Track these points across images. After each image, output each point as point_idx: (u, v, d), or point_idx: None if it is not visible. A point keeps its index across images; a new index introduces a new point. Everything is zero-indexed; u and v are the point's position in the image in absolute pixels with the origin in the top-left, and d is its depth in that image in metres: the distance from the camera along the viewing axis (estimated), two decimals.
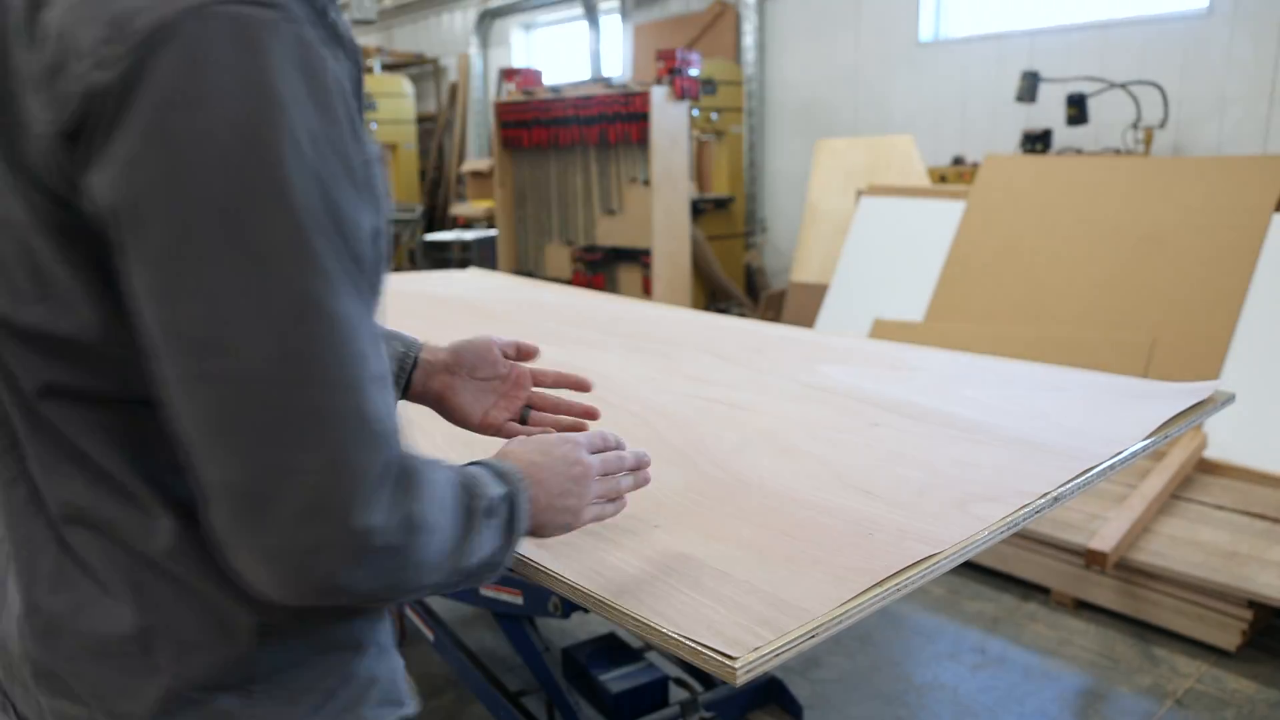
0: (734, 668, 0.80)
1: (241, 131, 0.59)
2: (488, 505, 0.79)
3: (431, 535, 0.71)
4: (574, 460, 0.92)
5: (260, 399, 0.61)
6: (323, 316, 0.62)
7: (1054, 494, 1.16)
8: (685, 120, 5.19)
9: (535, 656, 2.05)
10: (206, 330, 0.61)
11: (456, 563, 0.75)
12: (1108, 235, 3.86)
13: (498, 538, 0.80)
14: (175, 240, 0.60)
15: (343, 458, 0.63)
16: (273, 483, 0.62)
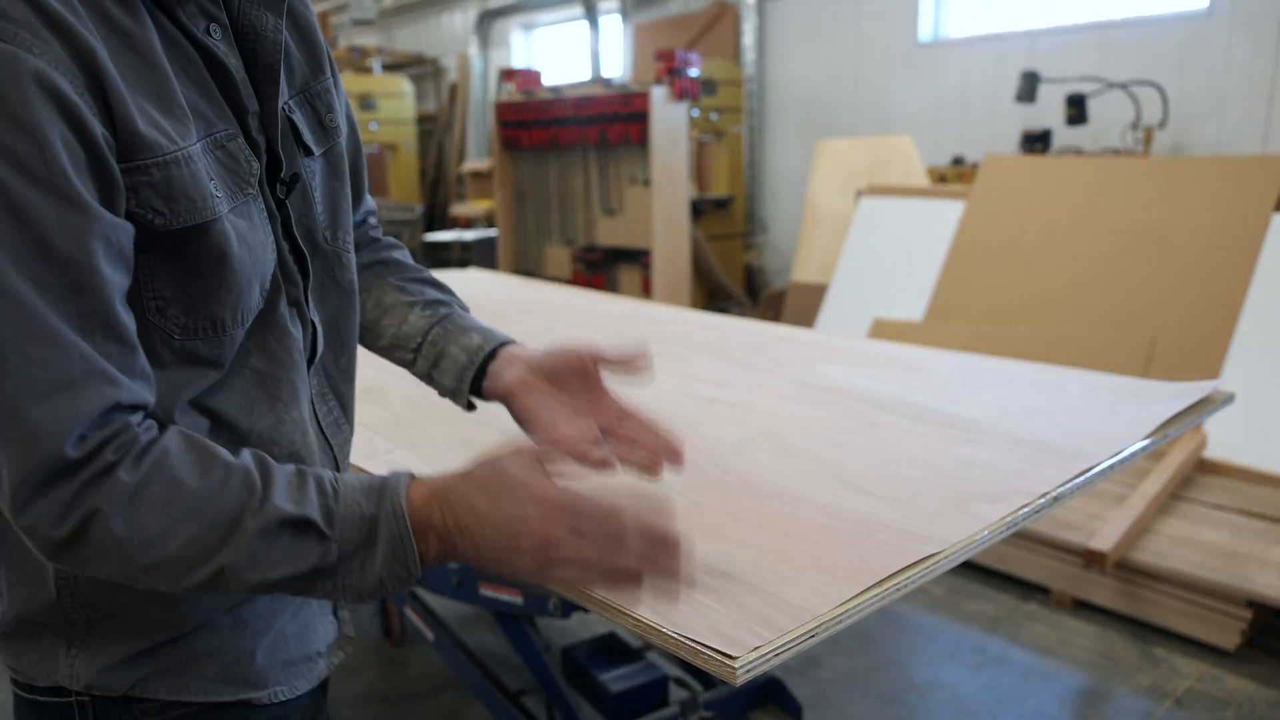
0: (734, 667, 0.80)
1: None
2: (285, 518, 0.73)
3: (140, 534, 0.70)
4: (526, 529, 0.76)
5: None
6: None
7: (1054, 494, 1.16)
8: (685, 120, 5.19)
9: (535, 656, 2.05)
10: None
11: (218, 569, 0.72)
12: (1108, 235, 3.86)
13: (306, 560, 0.74)
14: None
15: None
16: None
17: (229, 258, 0.78)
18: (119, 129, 0.71)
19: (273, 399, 0.87)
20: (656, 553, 0.76)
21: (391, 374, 1.94)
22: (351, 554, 0.75)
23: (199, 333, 0.79)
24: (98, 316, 0.69)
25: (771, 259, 7.46)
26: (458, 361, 1.06)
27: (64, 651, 0.84)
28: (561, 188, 5.70)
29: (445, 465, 1.39)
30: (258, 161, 0.84)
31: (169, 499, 0.71)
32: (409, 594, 2.54)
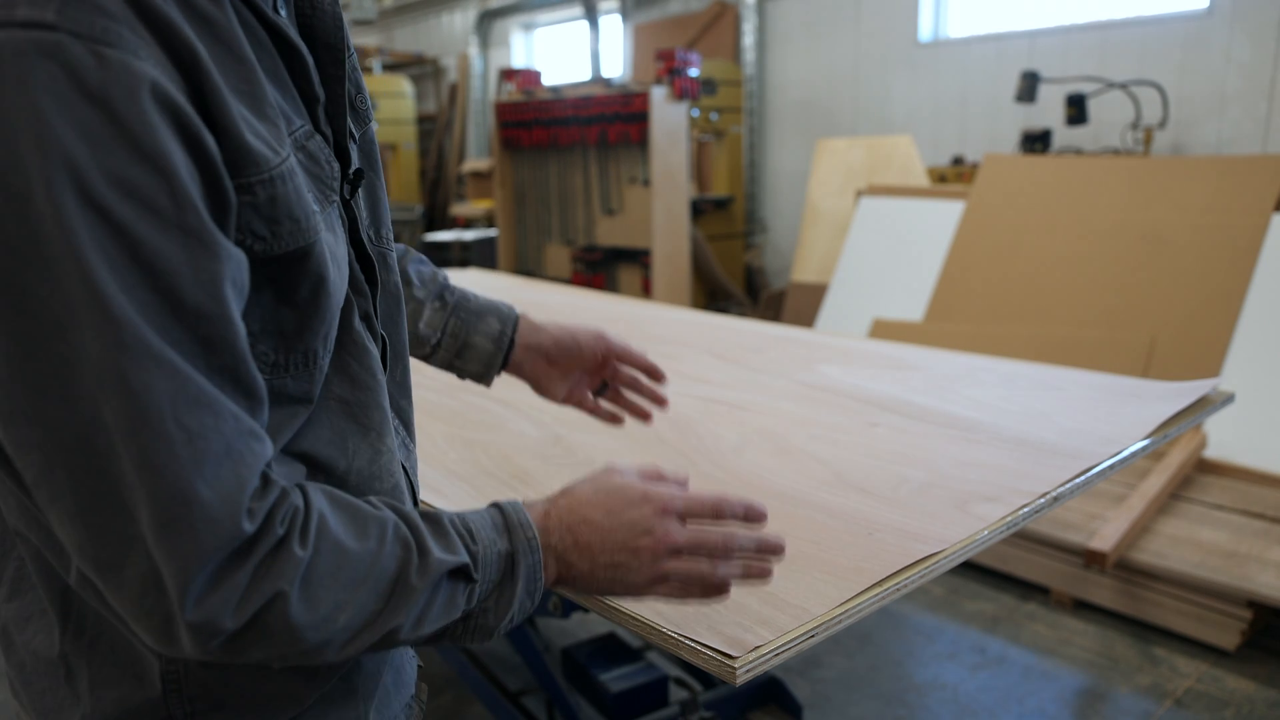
0: (734, 668, 0.80)
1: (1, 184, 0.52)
2: (450, 569, 0.70)
3: (315, 612, 0.64)
4: (644, 529, 0.77)
5: (77, 469, 0.57)
6: (125, 390, 0.55)
7: (1054, 494, 1.16)
8: (685, 120, 5.19)
9: (535, 656, 2.05)
10: (10, 400, 0.56)
11: (381, 635, 0.68)
12: (1108, 235, 3.86)
13: (456, 610, 0.72)
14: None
15: (159, 542, 0.58)
16: (113, 548, 0.59)
17: (325, 281, 0.68)
18: (224, 141, 0.60)
19: (364, 429, 0.77)
20: (762, 556, 0.80)
21: None
22: (489, 593, 0.73)
23: (290, 369, 0.68)
24: (231, 371, 0.60)
25: (771, 259, 7.46)
26: (484, 350, 1.12)
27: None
28: (561, 188, 5.70)
29: (445, 465, 1.39)
30: (335, 161, 0.74)
31: (337, 568, 0.64)
32: None
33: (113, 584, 0.60)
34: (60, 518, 0.59)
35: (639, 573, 0.77)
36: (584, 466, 1.35)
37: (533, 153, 5.80)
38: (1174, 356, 3.48)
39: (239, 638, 0.61)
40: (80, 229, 0.53)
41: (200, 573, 0.58)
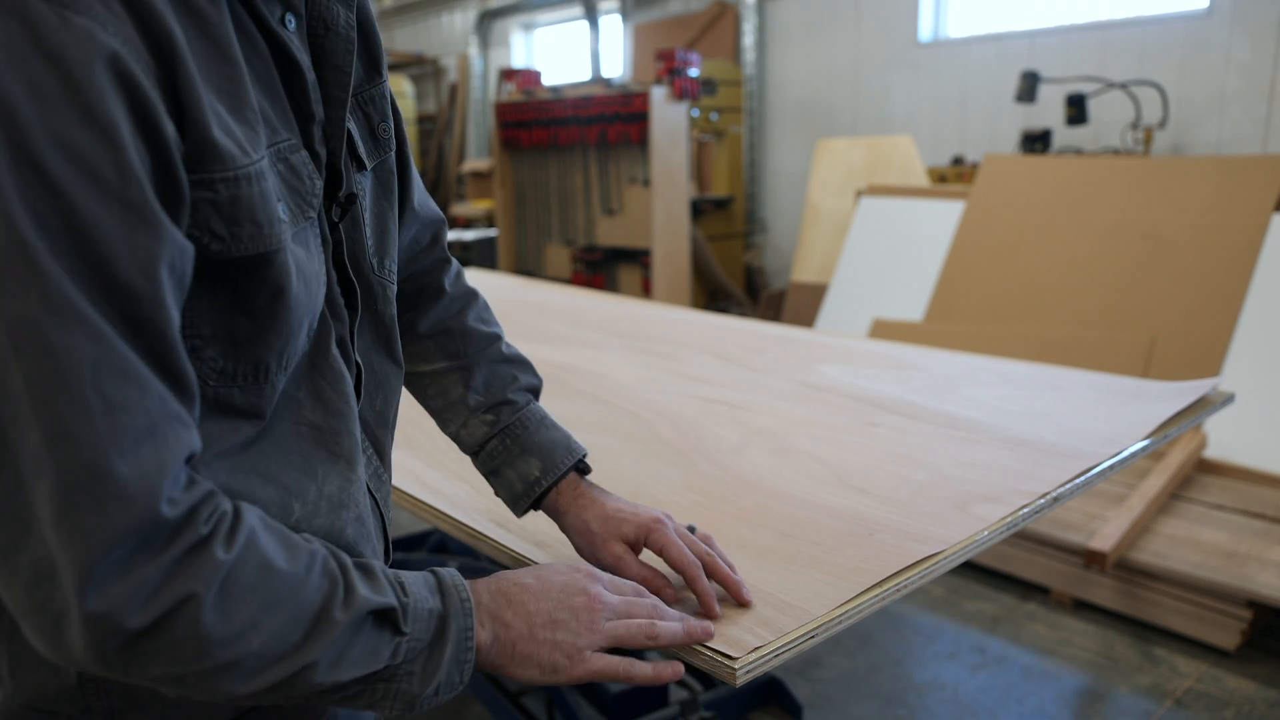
0: (734, 668, 0.80)
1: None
2: (374, 608, 0.67)
3: (229, 625, 0.59)
4: (578, 589, 0.78)
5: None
6: (44, 350, 0.52)
7: (1053, 494, 1.16)
8: (685, 120, 5.20)
9: None
10: None
11: (296, 670, 0.63)
12: (1108, 235, 3.86)
13: (378, 659, 0.67)
14: None
15: (62, 520, 0.53)
16: (4, 531, 0.55)
17: (285, 294, 0.66)
18: (189, 132, 0.59)
19: (334, 455, 0.75)
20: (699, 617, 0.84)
21: None
22: (416, 654, 0.69)
23: (237, 379, 0.67)
24: (159, 356, 0.57)
25: (771, 259, 7.46)
26: (513, 487, 0.99)
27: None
28: (561, 188, 5.70)
29: (446, 465, 1.39)
30: (319, 178, 0.73)
31: (259, 584, 0.61)
32: None
33: (2, 574, 0.56)
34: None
35: (579, 633, 0.76)
36: None
37: (533, 153, 5.80)
38: (1174, 356, 3.48)
39: (140, 641, 0.56)
40: (10, 184, 0.52)
41: (107, 557, 0.54)
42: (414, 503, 1.26)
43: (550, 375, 1.87)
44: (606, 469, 1.34)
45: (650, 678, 0.78)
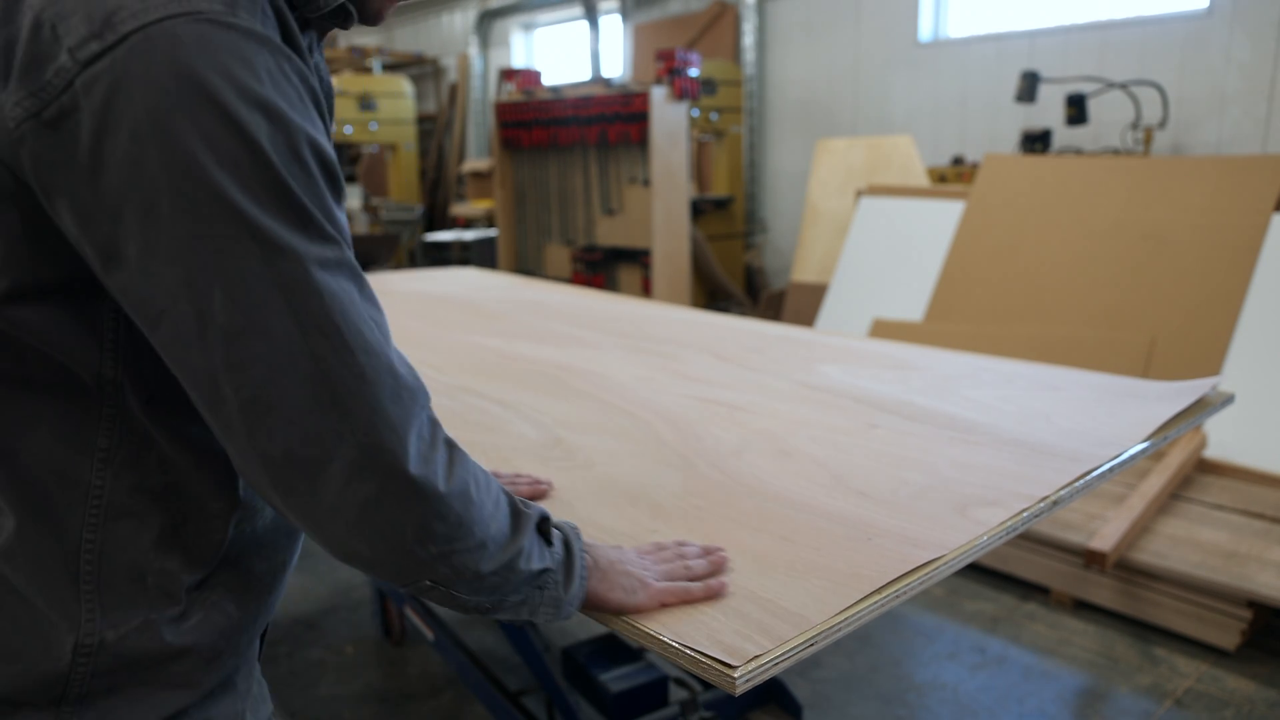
0: (733, 677, 0.80)
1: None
2: (538, 518, 0.84)
3: (483, 507, 0.76)
4: (633, 550, 0.98)
5: (293, 373, 0.65)
6: (324, 292, 0.66)
7: (1054, 497, 1.16)
8: (685, 120, 5.19)
9: (535, 656, 2.05)
10: (231, 317, 0.64)
11: (512, 557, 0.79)
12: (1108, 235, 3.86)
13: (548, 559, 0.83)
14: (187, 234, 0.62)
15: (384, 413, 0.68)
16: (318, 448, 0.67)
17: None
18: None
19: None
20: (713, 570, 0.97)
21: None
22: (560, 563, 0.85)
23: None
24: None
25: (771, 259, 7.46)
26: None
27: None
28: (561, 188, 5.69)
29: None
30: None
31: (486, 486, 0.78)
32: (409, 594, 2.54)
33: (308, 487, 0.68)
34: (266, 430, 0.66)
35: (645, 569, 0.94)
36: (584, 468, 1.35)
37: (533, 153, 5.80)
38: (1174, 356, 3.47)
39: (439, 505, 0.72)
40: (277, 161, 0.67)
41: (412, 438, 0.70)
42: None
43: (550, 375, 1.87)
44: (606, 470, 1.34)
45: (704, 594, 0.92)
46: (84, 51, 0.59)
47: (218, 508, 0.77)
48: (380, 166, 10.08)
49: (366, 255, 3.95)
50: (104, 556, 0.72)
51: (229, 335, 0.64)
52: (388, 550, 0.72)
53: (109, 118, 0.59)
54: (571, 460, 1.39)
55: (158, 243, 0.62)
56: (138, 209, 0.61)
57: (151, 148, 0.59)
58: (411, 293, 2.98)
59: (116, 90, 0.59)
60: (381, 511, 0.70)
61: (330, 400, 0.66)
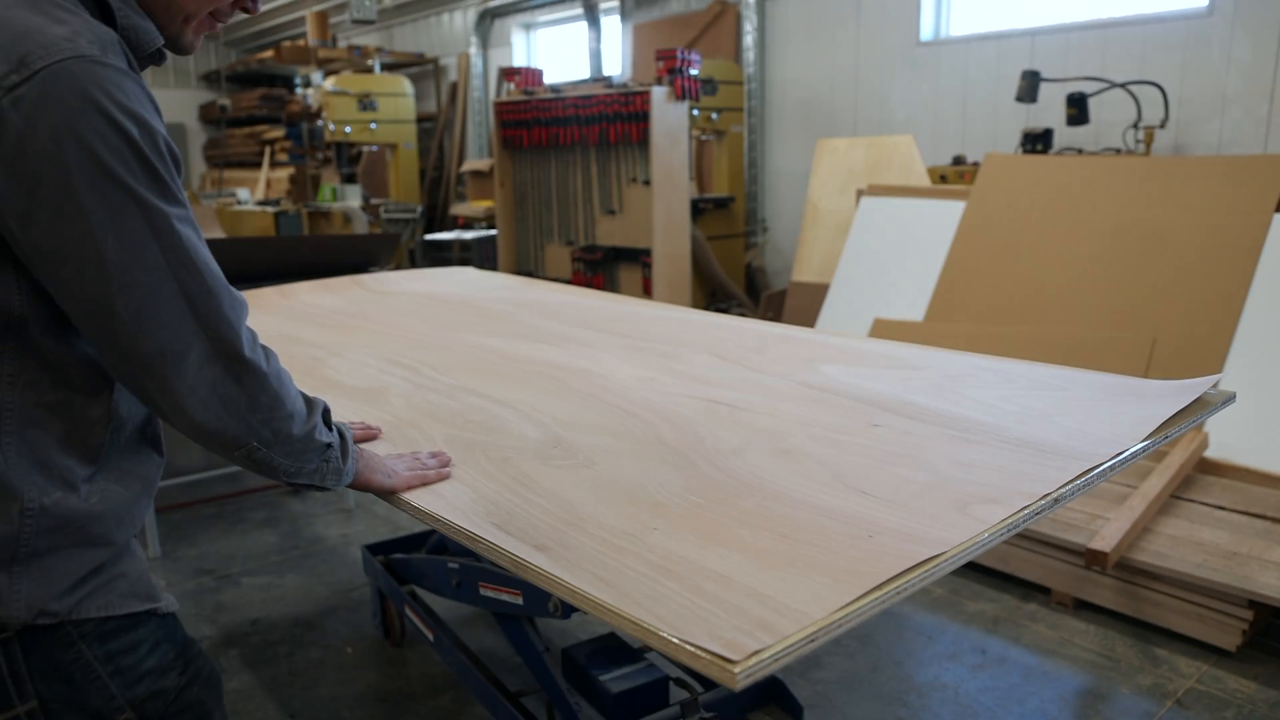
0: (734, 672, 0.80)
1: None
2: (323, 407, 1.16)
3: (290, 387, 1.09)
4: (389, 456, 1.34)
5: (164, 292, 0.95)
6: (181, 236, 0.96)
7: (1054, 495, 1.16)
8: (685, 120, 5.19)
9: (535, 656, 2.05)
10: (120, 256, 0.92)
11: (311, 429, 1.12)
12: (1108, 235, 3.86)
13: (333, 436, 1.17)
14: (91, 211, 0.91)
15: (224, 316, 0.99)
16: (181, 343, 0.97)
17: None
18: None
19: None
20: (441, 465, 1.34)
21: (391, 376, 1.94)
22: (339, 441, 1.19)
23: None
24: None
25: (772, 259, 7.46)
26: None
27: (6, 586, 0.96)
28: (561, 188, 5.69)
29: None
30: None
31: (288, 377, 1.10)
32: (409, 594, 2.54)
33: (174, 373, 0.97)
34: (139, 345, 0.95)
35: (398, 465, 1.29)
36: (584, 468, 1.34)
37: (533, 153, 5.80)
38: (1175, 356, 3.47)
39: (263, 381, 1.04)
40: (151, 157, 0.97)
41: (245, 334, 1.02)
42: (413, 505, 1.26)
43: (550, 375, 1.87)
44: (606, 469, 1.33)
45: (436, 478, 1.30)
46: (7, 82, 0.87)
47: (97, 415, 1.03)
48: (380, 166, 10.09)
49: (366, 255, 3.95)
50: (22, 455, 0.97)
51: (119, 269, 0.92)
52: (229, 418, 1.02)
53: (30, 125, 0.87)
54: (572, 459, 1.39)
55: (66, 207, 0.89)
56: (52, 184, 0.88)
57: (65, 144, 0.87)
58: (411, 293, 2.98)
59: (36, 107, 0.86)
60: (225, 387, 1.01)
61: (189, 309, 0.96)
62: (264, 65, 12.29)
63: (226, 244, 4.14)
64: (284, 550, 3.49)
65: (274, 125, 12.23)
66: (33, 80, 0.86)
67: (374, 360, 2.08)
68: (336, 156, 8.97)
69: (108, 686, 1.04)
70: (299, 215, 8.33)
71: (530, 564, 1.04)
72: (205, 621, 2.94)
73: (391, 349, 2.17)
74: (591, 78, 6.85)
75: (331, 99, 8.74)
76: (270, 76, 13.39)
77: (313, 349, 2.24)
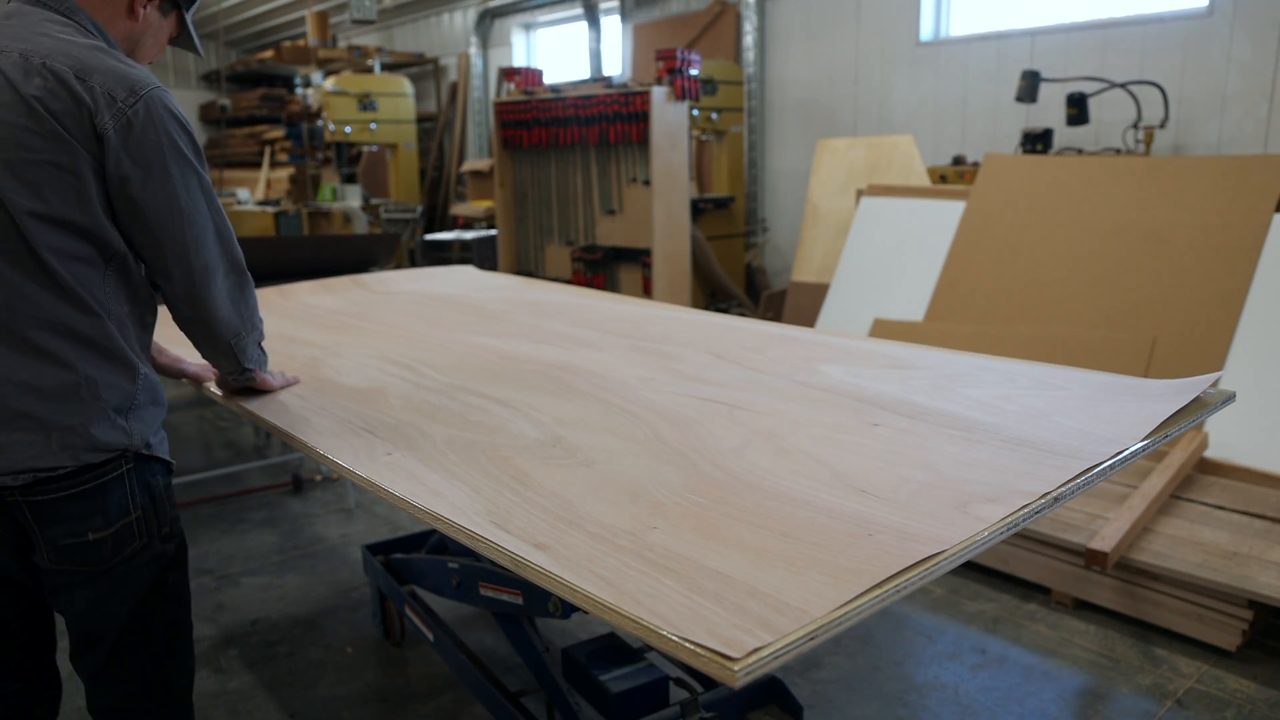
0: (733, 670, 0.80)
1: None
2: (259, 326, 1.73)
3: (252, 293, 1.63)
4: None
5: (210, 229, 1.49)
6: (213, 193, 1.50)
7: (1054, 494, 1.16)
8: (685, 120, 5.19)
9: (535, 656, 2.05)
10: (189, 205, 1.45)
11: (256, 326, 1.67)
12: (1108, 235, 3.86)
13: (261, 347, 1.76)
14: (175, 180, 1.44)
15: (235, 245, 1.55)
16: (216, 262, 1.51)
17: None
18: None
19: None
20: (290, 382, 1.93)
21: (391, 376, 1.94)
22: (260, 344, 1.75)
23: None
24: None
25: (772, 259, 7.46)
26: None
27: (123, 424, 1.42)
28: (561, 188, 5.69)
29: (445, 466, 1.39)
30: None
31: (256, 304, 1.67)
32: (409, 594, 2.54)
33: (210, 281, 1.50)
34: (197, 263, 1.47)
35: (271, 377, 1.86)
36: (584, 467, 1.34)
37: (533, 153, 5.80)
38: (1175, 357, 3.47)
39: (250, 285, 1.61)
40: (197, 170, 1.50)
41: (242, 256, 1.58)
42: (413, 505, 1.26)
43: (550, 375, 1.87)
44: (606, 469, 1.33)
45: (284, 385, 1.89)
46: (129, 101, 1.36)
47: (150, 321, 1.52)
48: (380, 166, 10.08)
49: (366, 255, 3.95)
50: (128, 342, 1.44)
51: (188, 215, 1.44)
52: (238, 312, 1.59)
53: (140, 124, 1.37)
54: (572, 458, 1.39)
55: (161, 174, 1.40)
56: (154, 161, 1.39)
57: (162, 137, 1.39)
58: (412, 293, 2.98)
59: (144, 114, 1.37)
60: (239, 291, 1.58)
61: (219, 239, 1.51)
62: (264, 65, 12.28)
63: None
64: (284, 550, 3.49)
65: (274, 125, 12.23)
66: (140, 101, 1.37)
67: (374, 360, 2.08)
68: (336, 156, 8.96)
69: (166, 510, 1.51)
70: (299, 215, 8.33)
71: (530, 562, 1.04)
72: (205, 621, 2.94)
73: (391, 349, 2.17)
74: (591, 78, 6.85)
75: (331, 99, 8.74)
76: (270, 76, 13.39)
77: (313, 349, 2.24)
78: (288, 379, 1.89)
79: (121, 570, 1.44)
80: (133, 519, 1.43)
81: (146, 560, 1.47)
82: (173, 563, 1.52)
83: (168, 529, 1.50)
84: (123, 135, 1.33)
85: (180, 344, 1.78)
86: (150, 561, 1.48)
